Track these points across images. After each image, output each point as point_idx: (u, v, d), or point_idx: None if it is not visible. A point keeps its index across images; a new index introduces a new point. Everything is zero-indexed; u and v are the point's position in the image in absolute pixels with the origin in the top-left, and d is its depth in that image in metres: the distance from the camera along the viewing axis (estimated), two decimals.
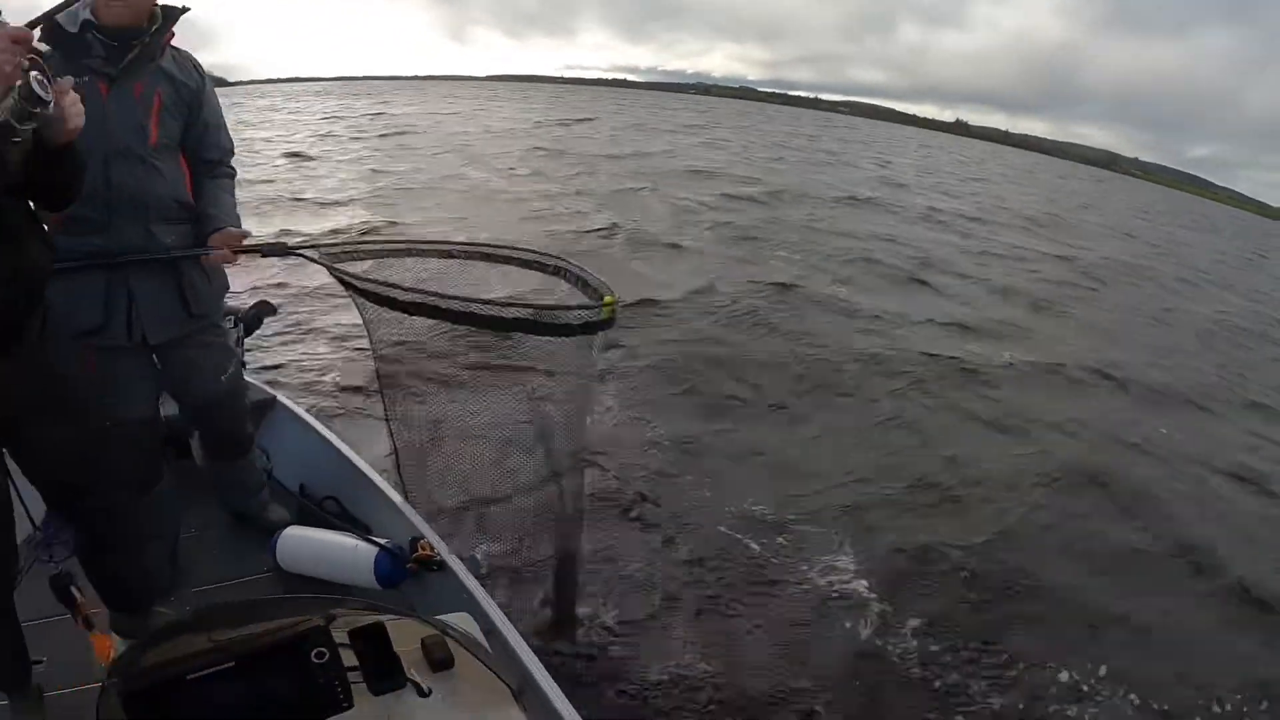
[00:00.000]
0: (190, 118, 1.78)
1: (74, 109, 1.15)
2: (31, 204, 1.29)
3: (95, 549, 1.49)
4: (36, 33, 1.14)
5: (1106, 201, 30.37)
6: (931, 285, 8.45)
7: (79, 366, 1.44)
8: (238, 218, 1.85)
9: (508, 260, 1.83)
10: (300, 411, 2.46)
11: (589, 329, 1.64)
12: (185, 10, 1.73)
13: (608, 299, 1.67)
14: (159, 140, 1.71)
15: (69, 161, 1.22)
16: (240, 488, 2.17)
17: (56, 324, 1.36)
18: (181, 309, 1.78)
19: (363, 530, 1.98)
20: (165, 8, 1.71)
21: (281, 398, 2.52)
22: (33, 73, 1.06)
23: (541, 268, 1.82)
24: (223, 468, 2.15)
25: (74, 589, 1.41)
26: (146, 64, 1.68)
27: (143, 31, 1.65)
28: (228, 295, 2.01)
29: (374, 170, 12.87)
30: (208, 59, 1.86)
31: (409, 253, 1.80)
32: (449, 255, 1.80)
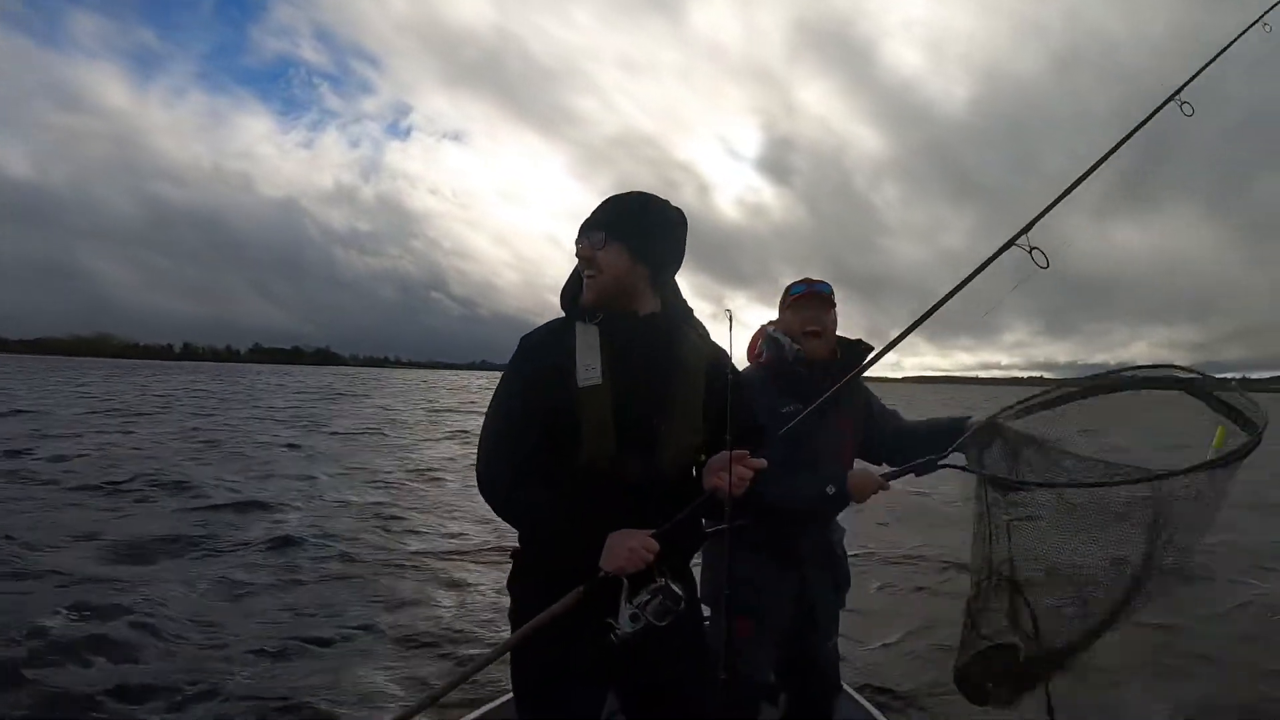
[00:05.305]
0: (869, 429, 2.16)
1: None
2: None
3: None
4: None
5: None
6: None
7: (733, 631, 1.72)
8: None
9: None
10: (859, 697, 2.61)
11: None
12: (867, 349, 2.03)
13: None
14: (851, 462, 2.08)
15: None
16: None
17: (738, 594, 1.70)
18: (838, 603, 2.18)
19: None
20: (847, 343, 2.10)
21: (845, 685, 2.56)
22: (672, 582, 1.34)
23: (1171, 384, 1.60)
24: None
25: None
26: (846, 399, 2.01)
27: (834, 365, 2.02)
28: None
29: None
30: None
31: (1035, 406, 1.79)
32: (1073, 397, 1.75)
